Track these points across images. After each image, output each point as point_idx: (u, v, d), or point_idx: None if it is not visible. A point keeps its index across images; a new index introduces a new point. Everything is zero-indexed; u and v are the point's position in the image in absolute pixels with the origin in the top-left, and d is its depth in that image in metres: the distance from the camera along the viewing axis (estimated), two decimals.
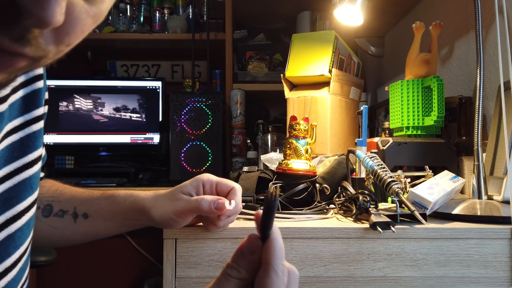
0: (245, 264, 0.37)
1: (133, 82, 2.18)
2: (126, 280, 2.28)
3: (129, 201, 0.65)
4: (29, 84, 0.56)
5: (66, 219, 0.66)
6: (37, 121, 0.56)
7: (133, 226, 0.68)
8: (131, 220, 0.66)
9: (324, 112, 1.15)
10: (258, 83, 1.98)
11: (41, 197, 0.67)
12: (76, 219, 0.66)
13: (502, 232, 0.66)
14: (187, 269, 0.66)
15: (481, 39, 0.82)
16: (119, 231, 0.68)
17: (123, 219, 0.65)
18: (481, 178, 0.78)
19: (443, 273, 0.66)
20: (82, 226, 0.66)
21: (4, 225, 0.49)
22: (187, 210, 0.61)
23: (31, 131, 0.55)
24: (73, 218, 0.66)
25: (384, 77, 1.74)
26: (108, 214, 0.65)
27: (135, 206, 0.64)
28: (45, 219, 0.66)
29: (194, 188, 0.62)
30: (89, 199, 0.67)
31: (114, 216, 0.65)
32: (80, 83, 2.14)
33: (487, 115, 0.95)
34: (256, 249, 0.37)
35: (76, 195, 0.68)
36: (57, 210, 0.66)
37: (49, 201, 0.67)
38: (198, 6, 2.16)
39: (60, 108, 2.11)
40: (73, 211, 0.66)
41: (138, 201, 0.64)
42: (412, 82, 0.96)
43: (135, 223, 0.66)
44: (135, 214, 0.65)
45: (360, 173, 0.89)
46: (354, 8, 1.18)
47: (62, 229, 0.66)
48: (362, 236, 0.66)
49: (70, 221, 0.66)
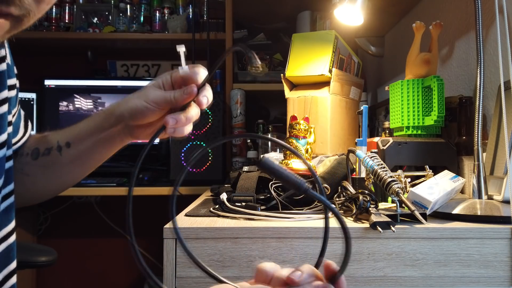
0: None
1: (133, 82, 2.18)
2: (126, 280, 2.28)
3: (102, 111, 0.64)
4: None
5: (52, 154, 0.66)
6: (1, 104, 0.56)
7: (109, 140, 0.64)
8: (105, 130, 0.63)
9: (324, 112, 1.15)
10: (258, 83, 1.98)
11: (29, 145, 0.69)
12: (61, 151, 0.65)
13: (502, 232, 0.66)
14: (187, 269, 0.66)
15: (481, 38, 0.82)
16: (98, 151, 0.65)
17: (98, 131, 0.63)
18: (481, 178, 0.78)
19: (443, 273, 0.66)
20: (67, 156, 0.65)
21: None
22: (159, 97, 0.58)
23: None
24: (58, 152, 0.66)
25: (384, 77, 1.74)
26: (85, 133, 0.64)
27: (106, 111, 0.63)
28: (34, 161, 0.67)
29: (163, 81, 0.60)
30: (70, 128, 0.67)
31: (90, 132, 0.64)
32: (80, 83, 2.14)
33: (487, 115, 0.95)
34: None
35: (58, 132, 0.68)
36: (43, 150, 0.67)
37: (35, 145, 0.68)
38: (198, 6, 2.16)
39: (60, 108, 2.11)
40: (56, 145, 0.66)
41: (108, 106, 0.64)
42: (412, 82, 0.96)
43: (109, 133, 0.63)
44: (107, 120, 0.62)
45: (360, 173, 0.89)
46: (354, 8, 1.18)
47: (51, 166, 0.66)
48: (362, 236, 0.66)
49: (56, 155, 0.66)
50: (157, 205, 1.93)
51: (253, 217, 0.73)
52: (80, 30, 2.12)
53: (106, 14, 2.23)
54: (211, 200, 1.06)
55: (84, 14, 2.22)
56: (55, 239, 1.51)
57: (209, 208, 0.86)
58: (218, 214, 0.78)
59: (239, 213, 0.76)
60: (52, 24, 2.14)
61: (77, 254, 2.28)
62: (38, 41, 2.07)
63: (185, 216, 0.78)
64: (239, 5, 1.96)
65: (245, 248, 0.66)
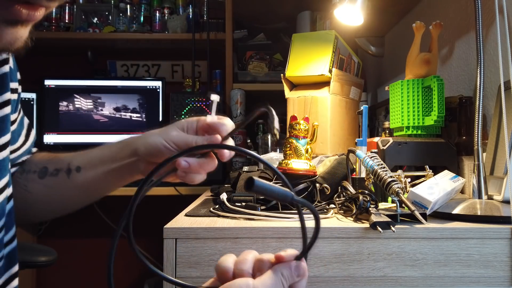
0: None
1: (133, 82, 2.18)
2: (126, 280, 2.28)
3: (119, 141, 0.63)
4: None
5: (60, 176, 0.65)
6: (4, 106, 0.56)
7: (120, 171, 0.62)
8: (118, 161, 0.61)
9: (324, 112, 1.15)
10: (258, 83, 1.98)
11: (37, 162, 0.68)
12: (70, 174, 0.64)
13: (502, 232, 0.66)
14: (187, 269, 0.66)
15: (481, 38, 0.82)
16: (107, 180, 0.64)
17: (111, 161, 0.62)
18: (481, 178, 0.78)
19: (443, 273, 0.66)
20: (75, 180, 0.64)
21: None
22: (179, 139, 0.56)
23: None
24: (67, 174, 0.64)
25: (384, 77, 1.74)
26: (98, 160, 0.63)
27: (123, 141, 0.62)
28: (41, 180, 0.65)
29: (188, 125, 0.58)
30: (83, 152, 0.65)
31: (103, 161, 0.63)
32: (80, 83, 2.14)
33: (487, 114, 0.95)
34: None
35: (71, 154, 0.67)
36: (52, 170, 0.66)
37: (44, 164, 0.67)
38: (198, 6, 2.16)
39: (60, 108, 2.11)
40: (67, 167, 0.65)
41: (127, 138, 0.62)
42: (412, 82, 0.96)
43: (121, 165, 0.61)
44: (122, 151, 0.61)
45: (360, 173, 0.89)
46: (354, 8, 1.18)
47: (57, 187, 0.65)
48: (362, 236, 0.66)
49: (64, 178, 0.65)
50: (157, 205, 1.93)
51: (253, 217, 0.73)
52: (80, 30, 2.12)
53: (106, 14, 2.23)
54: (211, 200, 1.06)
55: (84, 14, 2.22)
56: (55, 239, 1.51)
57: (209, 208, 0.86)
58: (218, 214, 0.78)
59: (239, 213, 0.76)
60: (52, 24, 2.14)
61: (77, 254, 2.28)
62: (38, 41, 2.04)
63: (185, 216, 0.78)
64: (239, 5, 1.96)
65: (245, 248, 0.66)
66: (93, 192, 0.67)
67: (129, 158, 0.60)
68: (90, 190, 0.66)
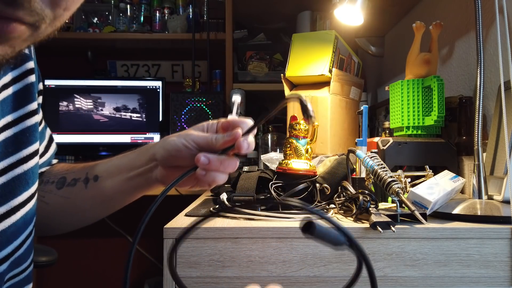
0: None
1: (133, 82, 2.18)
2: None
3: (138, 148, 0.62)
4: (20, 79, 0.56)
5: (77, 186, 0.64)
6: (31, 116, 0.56)
7: (136, 180, 0.61)
8: (135, 169, 0.61)
9: (324, 112, 1.15)
10: (258, 83, 1.98)
11: (56, 172, 0.67)
12: (87, 183, 0.63)
13: (502, 232, 0.66)
14: (187, 269, 0.66)
15: (481, 39, 0.82)
16: (123, 190, 0.63)
17: (128, 169, 0.61)
18: (481, 178, 0.78)
19: (443, 273, 0.66)
20: (92, 190, 0.63)
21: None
22: (199, 138, 0.55)
23: (25, 126, 0.55)
24: (85, 184, 0.64)
25: (384, 77, 1.74)
26: (115, 168, 0.62)
27: (142, 148, 0.61)
28: (58, 191, 0.65)
29: (208, 126, 0.59)
30: (103, 161, 0.65)
31: (121, 169, 0.62)
32: (81, 83, 2.14)
33: (487, 115, 0.95)
34: None
35: (91, 163, 0.66)
36: (70, 180, 0.65)
37: (63, 174, 0.66)
38: (198, 6, 2.16)
39: (60, 108, 2.11)
40: (84, 176, 0.64)
41: (145, 145, 0.62)
42: (412, 82, 0.96)
43: (138, 172, 0.61)
44: (140, 158, 0.60)
45: (360, 173, 0.89)
46: (354, 8, 1.18)
47: (73, 198, 0.64)
48: (362, 236, 0.66)
49: (81, 188, 0.64)
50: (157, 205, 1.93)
51: (253, 217, 0.73)
52: (80, 30, 2.12)
53: (106, 14, 2.23)
54: (211, 200, 1.06)
55: (84, 14, 2.22)
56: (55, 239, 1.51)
57: (209, 208, 0.86)
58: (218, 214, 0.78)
59: (239, 213, 0.76)
60: None
61: (77, 254, 2.28)
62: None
63: (185, 216, 0.78)
64: (239, 5, 1.96)
65: (245, 248, 0.66)
66: (108, 203, 0.66)
67: (147, 164, 0.60)
68: (106, 201, 0.65)
